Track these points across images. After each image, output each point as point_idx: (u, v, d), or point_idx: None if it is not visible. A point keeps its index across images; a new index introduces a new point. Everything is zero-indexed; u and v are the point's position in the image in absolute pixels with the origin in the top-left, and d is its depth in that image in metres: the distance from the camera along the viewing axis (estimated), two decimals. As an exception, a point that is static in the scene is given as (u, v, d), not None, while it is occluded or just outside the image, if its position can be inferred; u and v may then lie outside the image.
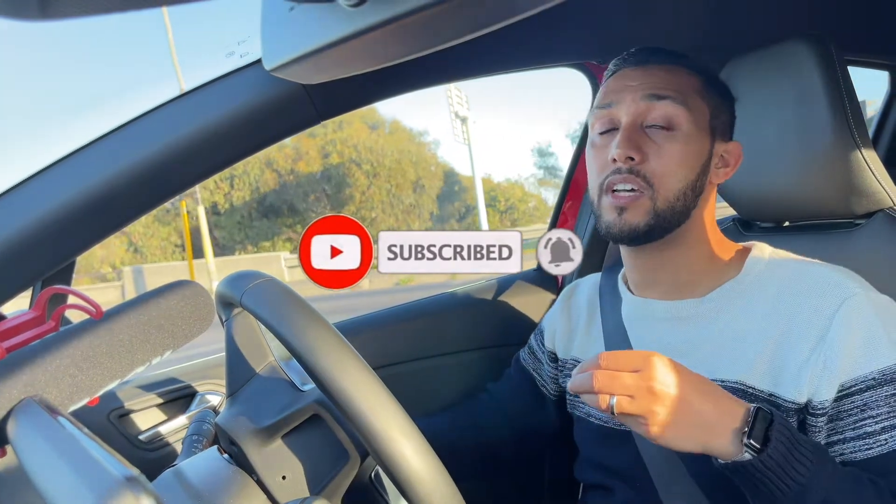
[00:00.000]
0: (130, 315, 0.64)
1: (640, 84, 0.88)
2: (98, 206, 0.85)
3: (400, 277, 14.52)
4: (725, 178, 0.92)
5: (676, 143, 0.86)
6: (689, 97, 0.87)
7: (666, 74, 0.88)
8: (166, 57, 14.20)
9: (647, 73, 0.89)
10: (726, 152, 0.92)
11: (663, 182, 0.86)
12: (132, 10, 0.40)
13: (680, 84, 0.88)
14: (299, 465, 0.73)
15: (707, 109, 0.89)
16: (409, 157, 24.60)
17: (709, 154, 0.89)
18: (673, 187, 0.86)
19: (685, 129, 0.86)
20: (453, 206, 28.54)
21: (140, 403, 1.14)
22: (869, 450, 0.75)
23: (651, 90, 0.87)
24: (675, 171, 0.86)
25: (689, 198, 0.88)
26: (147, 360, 0.64)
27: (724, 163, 0.92)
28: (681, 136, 0.86)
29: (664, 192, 0.86)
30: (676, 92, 0.87)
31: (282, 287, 0.69)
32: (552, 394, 1.16)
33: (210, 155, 0.90)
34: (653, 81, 0.88)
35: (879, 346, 0.76)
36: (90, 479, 0.43)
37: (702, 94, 0.89)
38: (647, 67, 0.90)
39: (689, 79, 0.89)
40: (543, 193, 33.29)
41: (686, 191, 0.87)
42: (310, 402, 0.75)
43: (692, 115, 0.87)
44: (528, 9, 0.52)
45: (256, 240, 24.10)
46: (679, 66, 0.90)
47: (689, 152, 0.87)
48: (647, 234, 0.87)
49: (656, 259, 0.92)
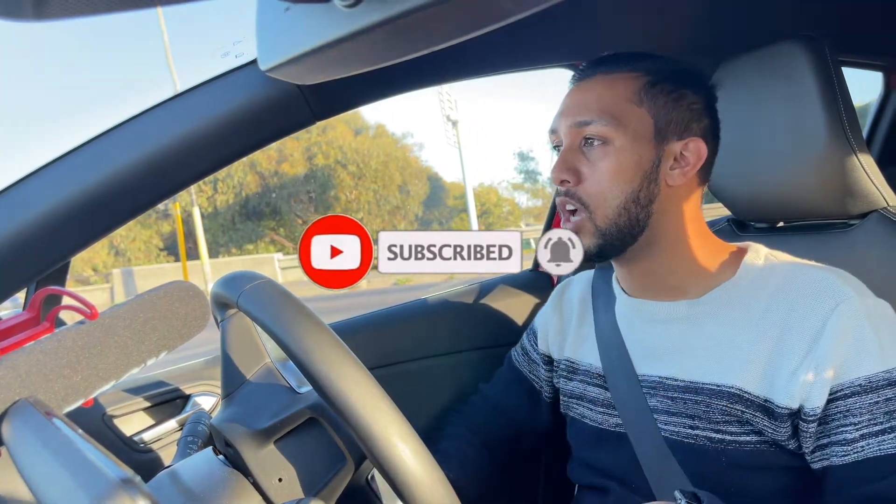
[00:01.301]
0: (125, 316, 0.63)
1: (572, 107, 0.90)
2: (93, 208, 0.85)
3: (398, 278, 14.51)
4: (685, 177, 0.89)
5: (609, 159, 0.86)
6: (621, 111, 0.86)
7: (601, 88, 0.89)
8: (161, 57, 14.17)
9: (583, 91, 0.90)
10: (685, 150, 0.88)
11: (598, 202, 0.87)
12: (126, 11, 0.40)
13: (612, 98, 0.87)
14: (295, 467, 0.73)
15: (649, 115, 0.87)
16: (394, 161, 24.62)
17: (654, 161, 0.87)
18: (610, 205, 0.86)
19: (618, 143, 0.86)
20: (438, 209, 28.61)
21: (135, 405, 1.14)
22: (846, 456, 0.75)
23: (578, 116, 0.88)
24: (608, 188, 0.86)
25: (634, 210, 0.87)
26: (142, 361, 0.64)
27: (683, 162, 0.88)
28: (614, 150, 0.86)
29: (602, 211, 0.87)
30: (603, 112, 0.86)
31: (279, 289, 0.69)
32: (548, 396, 1.16)
33: (205, 155, 0.90)
34: (584, 102, 0.89)
35: (868, 352, 0.76)
36: (85, 481, 0.43)
37: (641, 99, 0.87)
38: (586, 82, 0.90)
39: (627, 84, 0.88)
40: (517, 197, 33.53)
41: (626, 204, 0.86)
42: (306, 406, 0.75)
43: (625, 128, 0.86)
44: (521, 10, 0.52)
45: (241, 243, 24.07)
46: (619, 71, 0.89)
47: (624, 166, 0.86)
48: (600, 254, 0.89)
49: (640, 267, 0.93)
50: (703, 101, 0.90)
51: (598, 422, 0.98)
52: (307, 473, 0.73)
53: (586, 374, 1.01)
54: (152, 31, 29.91)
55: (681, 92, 0.89)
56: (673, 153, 0.88)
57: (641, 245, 0.89)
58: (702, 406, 0.84)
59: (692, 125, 0.89)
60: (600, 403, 0.98)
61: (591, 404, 1.00)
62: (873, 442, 0.74)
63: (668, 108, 0.88)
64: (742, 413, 0.81)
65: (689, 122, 0.89)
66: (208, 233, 21.19)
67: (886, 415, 0.74)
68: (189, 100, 0.91)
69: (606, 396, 0.96)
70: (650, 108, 0.87)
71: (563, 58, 1.25)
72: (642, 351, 0.93)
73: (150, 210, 0.92)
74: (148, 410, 1.16)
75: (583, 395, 1.01)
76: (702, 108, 0.90)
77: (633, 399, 0.91)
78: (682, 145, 0.88)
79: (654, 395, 0.89)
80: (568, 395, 1.05)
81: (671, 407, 0.87)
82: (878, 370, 0.75)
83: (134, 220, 0.91)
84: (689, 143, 0.88)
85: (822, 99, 0.95)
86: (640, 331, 0.94)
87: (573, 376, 1.04)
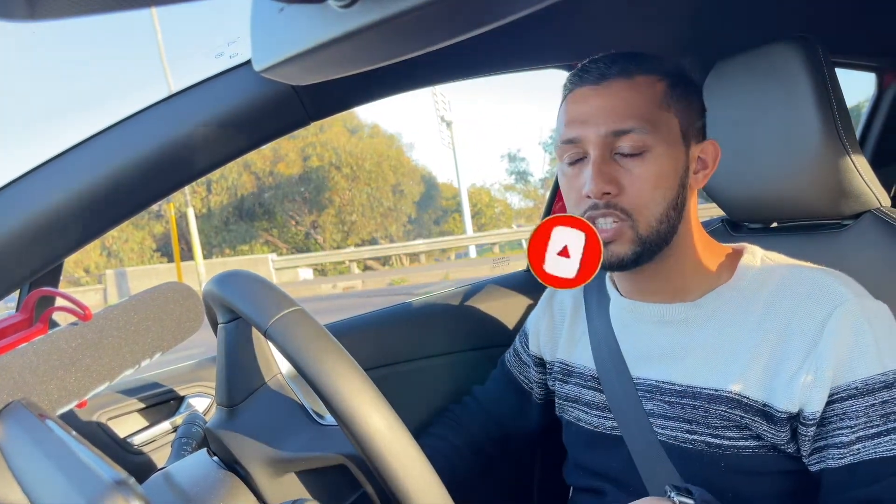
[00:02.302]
0: (119, 317, 0.63)
1: (600, 115, 0.84)
2: (87, 208, 0.85)
3: (393, 278, 14.52)
4: (706, 179, 0.89)
5: (649, 166, 0.83)
6: (654, 117, 0.83)
7: (627, 93, 0.84)
8: (155, 58, 14.13)
9: (606, 95, 0.84)
10: (703, 153, 0.89)
11: (643, 211, 0.84)
12: (121, 11, 0.40)
13: (642, 104, 0.83)
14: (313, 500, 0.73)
15: (676, 119, 0.85)
16: (388, 162, 24.62)
17: (685, 165, 0.86)
18: (654, 213, 0.84)
19: (656, 150, 0.83)
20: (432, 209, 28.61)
21: (128, 407, 1.13)
22: (842, 458, 0.75)
23: (613, 125, 0.83)
24: (652, 196, 0.83)
25: (673, 217, 0.85)
26: (136, 362, 0.64)
27: (702, 165, 0.89)
28: (652, 157, 0.83)
29: (645, 219, 0.84)
30: (639, 119, 0.82)
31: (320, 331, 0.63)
32: (539, 397, 1.15)
33: (200, 156, 0.90)
34: (613, 109, 0.83)
35: (866, 355, 0.76)
36: (79, 482, 0.42)
37: (668, 102, 0.85)
38: (605, 85, 0.84)
39: (652, 90, 0.84)
40: (509, 198, 33.68)
41: (668, 211, 0.85)
42: (341, 454, 0.73)
43: (660, 134, 0.83)
44: (517, 11, 0.52)
45: (235, 243, 24.04)
46: (638, 74, 0.85)
47: (665, 172, 0.84)
48: (636, 261, 0.86)
49: (648, 272, 0.91)
50: (702, 104, 0.91)
51: (594, 425, 0.97)
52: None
53: (581, 376, 1.01)
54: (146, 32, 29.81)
55: (691, 96, 0.88)
56: (695, 156, 0.88)
57: (665, 250, 0.87)
58: (700, 411, 0.84)
59: (703, 128, 0.90)
60: (595, 406, 0.97)
61: (586, 407, 0.99)
62: (869, 445, 0.74)
63: (687, 112, 0.87)
64: (741, 418, 0.81)
65: (701, 125, 0.90)
66: (202, 234, 21.16)
67: (882, 417, 0.74)
68: (183, 100, 0.91)
69: (602, 399, 0.96)
70: (677, 111, 0.86)
71: (558, 59, 1.26)
72: (637, 353, 0.93)
73: (144, 211, 0.92)
74: (142, 412, 1.15)
75: (578, 397, 1.01)
76: (703, 111, 0.91)
77: (628, 401, 0.91)
78: (700, 148, 0.88)
79: (651, 399, 0.89)
80: (563, 397, 1.04)
81: (668, 411, 0.87)
82: (874, 373, 0.75)
83: (127, 221, 0.91)
84: (706, 146, 0.89)
85: (815, 100, 0.95)
86: (635, 332, 0.94)
87: (568, 379, 1.03)
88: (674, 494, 0.71)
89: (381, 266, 19.76)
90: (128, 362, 0.63)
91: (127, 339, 0.63)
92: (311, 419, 0.77)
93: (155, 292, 0.67)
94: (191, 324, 0.69)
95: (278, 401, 0.78)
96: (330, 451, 0.73)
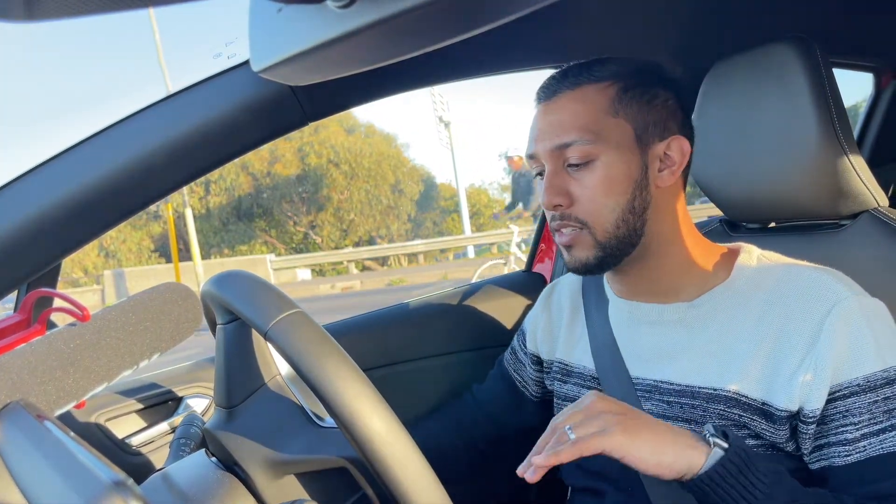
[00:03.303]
0: (117, 318, 0.63)
1: (547, 130, 0.87)
2: (84, 209, 0.85)
3: (391, 278, 14.51)
4: (674, 177, 0.89)
5: (597, 174, 0.85)
6: (599, 125, 0.85)
7: (572, 105, 0.86)
8: (153, 58, 14.12)
9: (554, 110, 0.87)
10: (668, 150, 0.88)
11: (596, 218, 0.86)
12: (118, 11, 0.40)
13: (587, 114, 0.85)
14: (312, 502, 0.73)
15: (627, 123, 0.86)
16: (387, 159, 24.61)
17: (641, 167, 0.86)
18: (608, 219, 0.86)
19: (603, 158, 0.85)
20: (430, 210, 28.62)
21: (127, 407, 1.13)
22: (848, 456, 0.75)
23: (556, 140, 0.86)
24: (604, 203, 0.85)
25: (631, 220, 0.86)
26: (134, 363, 0.64)
27: (669, 162, 0.88)
28: (600, 166, 0.85)
29: (600, 226, 0.86)
30: (581, 130, 0.85)
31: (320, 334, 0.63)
32: (534, 396, 1.16)
33: (197, 157, 0.90)
34: (559, 123, 0.86)
35: (867, 352, 0.76)
36: (78, 483, 0.42)
37: (616, 109, 0.86)
38: (555, 100, 0.88)
39: (600, 97, 0.86)
40: (507, 199, 33.72)
41: (624, 216, 0.86)
42: (339, 456, 0.73)
43: (607, 141, 0.85)
44: (514, 12, 0.52)
45: (233, 244, 24.01)
46: (588, 83, 0.86)
47: (615, 179, 0.85)
48: (600, 265, 0.88)
49: (633, 273, 0.92)
50: (673, 95, 0.90)
51: None
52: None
53: (580, 376, 1.01)
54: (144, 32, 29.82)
55: (652, 92, 0.88)
56: (657, 155, 0.88)
57: (639, 252, 0.89)
58: (698, 410, 0.84)
59: (670, 123, 0.89)
60: None
61: None
62: (874, 441, 0.74)
63: (644, 112, 0.87)
64: (739, 417, 0.81)
65: (666, 121, 0.88)
66: (201, 234, 21.14)
67: (886, 413, 0.75)
68: (181, 101, 0.91)
69: None
70: (627, 116, 0.86)
71: (555, 59, 1.26)
72: (636, 353, 0.93)
73: (142, 212, 0.92)
74: (140, 412, 1.15)
75: (577, 397, 1.01)
76: (675, 103, 0.90)
77: (627, 401, 0.91)
78: (664, 146, 0.88)
79: (650, 399, 0.89)
80: (562, 397, 1.04)
81: (667, 411, 0.87)
82: (876, 369, 0.75)
83: (125, 221, 0.91)
84: (671, 143, 0.88)
85: (813, 100, 0.95)
86: (634, 333, 0.94)
87: (567, 379, 1.04)
88: (709, 434, 0.71)
89: (380, 266, 19.75)
90: (126, 363, 0.63)
91: (125, 340, 0.62)
92: (310, 421, 0.77)
93: (153, 293, 0.67)
94: (189, 324, 0.68)
95: (277, 402, 0.78)
96: (329, 454, 0.73)
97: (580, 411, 0.74)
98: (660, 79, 0.90)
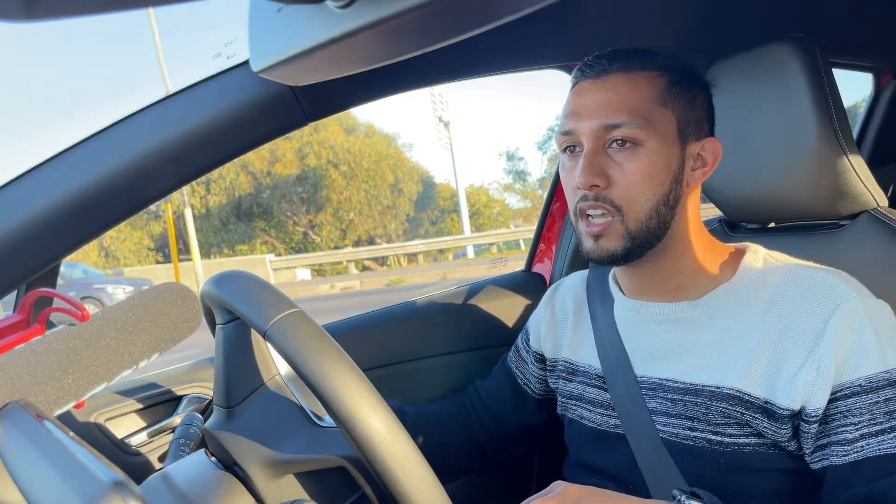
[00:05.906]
0: (117, 318, 0.63)
1: (595, 108, 0.85)
2: (84, 209, 0.85)
3: (391, 278, 14.52)
4: (704, 178, 0.89)
5: (640, 161, 0.84)
6: (649, 112, 0.84)
7: (624, 88, 0.85)
8: (153, 58, 14.12)
9: (603, 89, 0.86)
10: (702, 151, 0.89)
11: (632, 205, 0.85)
12: (117, 11, 0.40)
13: (639, 98, 0.84)
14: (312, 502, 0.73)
15: (673, 116, 0.86)
16: (386, 159, 24.63)
17: (680, 162, 0.86)
18: (643, 207, 0.85)
19: (649, 145, 0.84)
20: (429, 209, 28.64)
21: (126, 407, 1.13)
22: (846, 456, 0.75)
23: (605, 119, 0.84)
24: (642, 191, 0.84)
25: (664, 212, 0.86)
26: (134, 363, 0.64)
27: (701, 163, 0.89)
28: (644, 152, 0.84)
29: (634, 214, 0.85)
30: (632, 113, 0.84)
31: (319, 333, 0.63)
32: (536, 393, 1.16)
33: (197, 157, 0.90)
34: (608, 103, 0.85)
35: (869, 353, 0.76)
36: (77, 483, 0.42)
37: (665, 99, 0.86)
38: (604, 80, 0.86)
39: (650, 85, 0.86)
40: (507, 198, 33.80)
41: (658, 207, 0.85)
42: (338, 456, 0.73)
43: (655, 129, 0.84)
44: (514, 11, 0.52)
45: (233, 243, 24.03)
46: (639, 69, 0.86)
47: (656, 168, 0.84)
48: (626, 256, 0.87)
49: (645, 269, 0.92)
50: (708, 101, 0.91)
51: (598, 423, 0.98)
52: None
53: (585, 374, 1.01)
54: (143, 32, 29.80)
55: (694, 92, 0.89)
56: (692, 154, 0.88)
57: (660, 246, 0.88)
58: (701, 408, 0.84)
59: (705, 125, 0.90)
60: (599, 405, 0.98)
61: (590, 405, 1.00)
62: (873, 442, 0.75)
63: (688, 109, 0.87)
64: (742, 415, 0.81)
65: (702, 122, 0.90)
66: (200, 234, 21.14)
67: (886, 415, 0.75)
68: (181, 101, 0.91)
69: (606, 398, 0.96)
70: (674, 109, 0.86)
71: (556, 59, 1.26)
72: (642, 352, 0.93)
73: (141, 211, 0.92)
74: (139, 412, 1.15)
75: (582, 395, 1.01)
76: (710, 107, 0.91)
77: (632, 400, 0.91)
78: (700, 146, 0.89)
79: (654, 397, 0.90)
80: (567, 396, 1.04)
81: (670, 408, 0.87)
82: (878, 370, 0.75)
83: (125, 221, 0.91)
84: (705, 144, 0.89)
85: (812, 100, 0.95)
86: (640, 332, 0.94)
87: (572, 377, 1.04)
88: (683, 498, 0.71)
89: (379, 266, 19.76)
90: (125, 363, 0.63)
91: (124, 340, 0.62)
92: (309, 421, 0.77)
93: (153, 293, 0.67)
94: (188, 324, 0.68)
95: (277, 402, 0.78)
96: (329, 453, 0.73)
97: (556, 495, 0.74)
98: (700, 80, 0.91)
